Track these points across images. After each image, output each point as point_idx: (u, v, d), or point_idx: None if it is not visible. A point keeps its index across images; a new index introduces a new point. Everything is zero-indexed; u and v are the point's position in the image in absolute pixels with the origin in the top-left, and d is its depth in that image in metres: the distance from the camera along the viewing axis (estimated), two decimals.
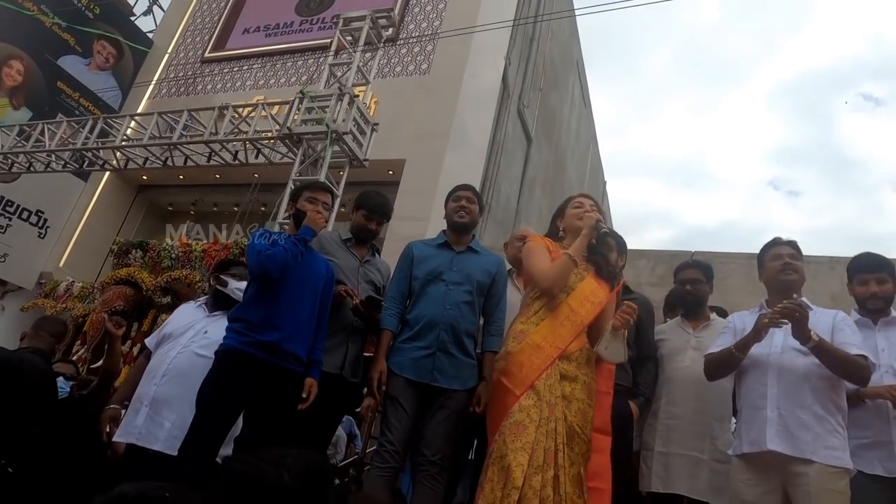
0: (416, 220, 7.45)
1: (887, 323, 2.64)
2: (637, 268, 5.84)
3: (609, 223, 4.53)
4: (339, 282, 2.76)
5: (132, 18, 12.40)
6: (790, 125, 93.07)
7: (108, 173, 10.09)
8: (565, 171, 14.66)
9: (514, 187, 11.12)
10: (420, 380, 2.60)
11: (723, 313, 3.36)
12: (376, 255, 3.14)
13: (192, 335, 2.72)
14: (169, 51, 11.78)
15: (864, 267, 2.73)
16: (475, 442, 2.96)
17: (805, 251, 2.73)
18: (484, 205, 3.84)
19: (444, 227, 3.01)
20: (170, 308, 7.60)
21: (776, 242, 2.75)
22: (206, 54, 11.45)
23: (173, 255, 7.95)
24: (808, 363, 2.40)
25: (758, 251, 2.82)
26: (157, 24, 12.97)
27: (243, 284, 2.78)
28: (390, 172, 8.72)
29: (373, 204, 3.03)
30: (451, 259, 2.82)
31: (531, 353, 2.34)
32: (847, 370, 2.34)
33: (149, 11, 12.97)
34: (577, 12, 12.64)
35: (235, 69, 10.96)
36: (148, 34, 12.31)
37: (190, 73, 11.13)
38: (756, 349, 2.52)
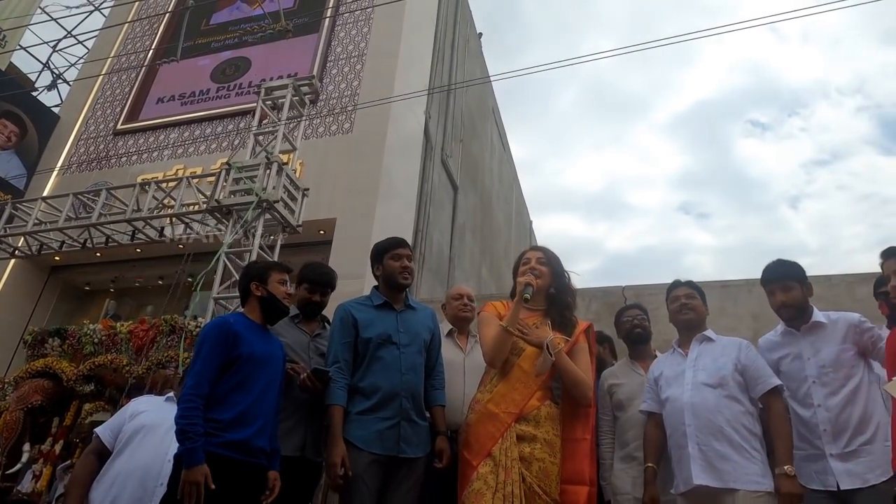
0: (353, 278, 7.41)
1: (810, 329, 2.67)
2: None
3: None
4: (290, 361, 2.70)
5: (34, 94, 11.90)
6: (691, 152, 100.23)
7: None
8: (493, 214, 15.07)
9: (446, 236, 11.30)
10: (387, 453, 2.51)
11: None
12: (327, 326, 3.04)
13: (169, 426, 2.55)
14: (78, 125, 11.34)
15: (768, 278, 2.78)
16: None
17: (719, 269, 2.96)
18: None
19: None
20: (94, 397, 7.11)
21: (674, 286, 2.96)
22: (119, 126, 11.10)
23: (96, 340, 7.46)
24: (717, 395, 2.56)
25: (674, 279, 3.03)
26: (63, 98, 12.49)
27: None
28: (321, 232, 8.68)
29: (315, 276, 2.97)
30: (396, 320, 2.75)
31: (487, 423, 2.40)
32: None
33: (53, 86, 12.52)
34: (490, 70, 13.23)
35: (151, 139, 10.67)
36: (53, 109, 11.82)
37: (102, 146, 10.73)
38: (671, 390, 2.70)
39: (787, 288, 2.71)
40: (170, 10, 12.10)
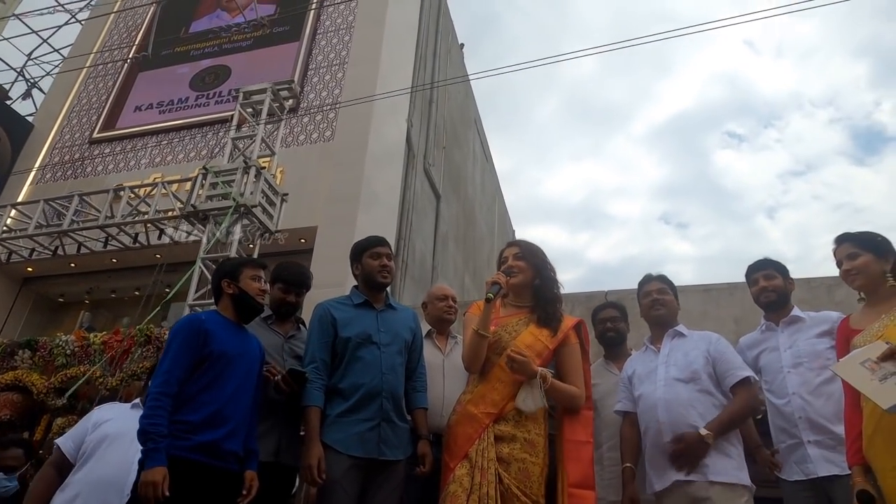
0: (334, 286, 7.28)
1: (788, 322, 2.72)
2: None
3: None
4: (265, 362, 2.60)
5: (8, 103, 11.68)
6: (670, 163, 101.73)
7: None
8: (475, 223, 15.05)
9: (428, 244, 11.25)
10: (367, 455, 2.40)
11: None
12: (301, 328, 2.94)
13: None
14: (52, 133, 11.13)
15: (753, 269, 2.87)
16: None
17: (701, 277, 2.91)
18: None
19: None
20: (66, 411, 6.90)
21: (646, 280, 2.91)
22: (95, 135, 10.92)
23: (68, 351, 7.25)
24: (690, 390, 2.53)
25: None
26: (38, 107, 12.28)
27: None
28: (302, 241, 8.57)
29: (289, 275, 2.86)
30: (377, 319, 2.67)
31: (466, 424, 2.34)
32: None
33: (27, 95, 12.30)
34: (470, 75, 13.28)
35: (128, 148, 10.51)
36: (27, 118, 11.60)
37: (77, 155, 10.54)
38: (644, 387, 2.67)
39: (769, 276, 2.80)
40: (147, 18, 11.99)
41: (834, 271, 2.44)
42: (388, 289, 2.93)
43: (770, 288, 2.76)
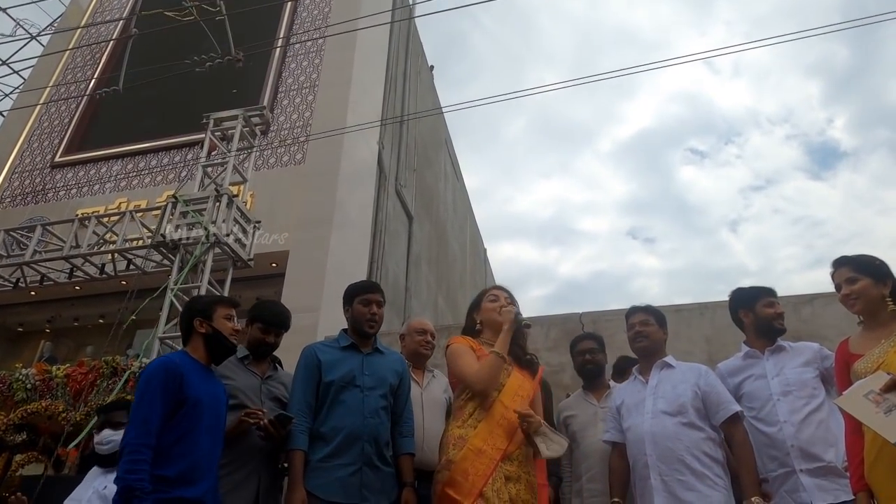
0: (306, 311, 7.22)
1: (774, 351, 2.72)
2: (531, 335, 6.05)
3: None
4: (241, 406, 2.53)
5: None
6: (636, 179, 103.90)
7: None
8: (447, 244, 15.09)
9: (401, 265, 11.21)
10: (349, 502, 2.37)
11: None
12: (279, 368, 2.89)
13: (90, 495, 2.36)
14: (12, 158, 10.81)
15: (766, 291, 2.85)
16: None
17: (669, 291, 2.93)
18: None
19: (334, 310, 2.83)
20: (26, 447, 6.62)
21: (630, 312, 2.93)
22: (58, 158, 10.64)
23: (29, 386, 6.97)
24: (676, 423, 2.54)
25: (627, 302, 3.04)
26: None
27: (118, 435, 2.46)
28: (273, 265, 8.46)
29: (269, 315, 2.80)
30: (362, 362, 2.65)
31: (474, 459, 2.28)
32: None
33: None
34: (441, 101, 13.39)
35: (92, 172, 10.26)
36: None
37: (38, 179, 10.24)
38: (632, 419, 2.68)
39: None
40: (113, 38, 11.79)
41: (794, 285, 2.47)
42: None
43: (783, 315, 2.79)
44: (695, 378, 2.66)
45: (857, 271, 2.27)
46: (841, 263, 2.34)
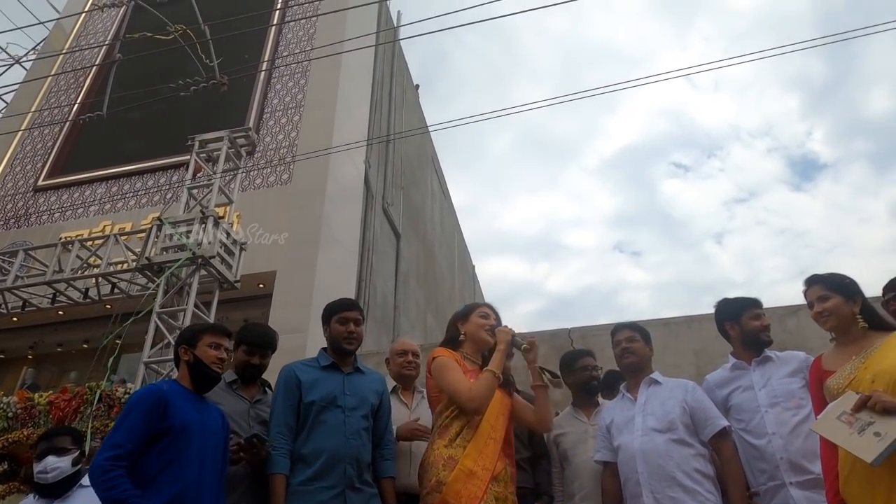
0: (294, 332, 7.16)
1: (761, 362, 2.72)
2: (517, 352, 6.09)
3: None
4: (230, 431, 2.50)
5: None
6: (622, 193, 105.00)
7: None
8: (436, 261, 15.09)
9: (390, 284, 11.19)
10: None
11: None
12: (268, 391, 2.85)
13: None
14: None
15: (752, 303, 2.85)
16: None
17: (656, 304, 2.94)
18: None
19: (322, 331, 2.79)
20: (7, 478, 6.46)
21: (616, 329, 2.95)
22: (41, 182, 10.55)
23: (10, 414, 6.81)
24: (666, 440, 2.55)
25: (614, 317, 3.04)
26: None
27: (64, 462, 2.41)
28: (261, 286, 8.41)
29: (252, 336, 2.78)
30: (343, 382, 2.62)
31: (466, 481, 2.26)
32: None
33: None
34: (427, 119, 13.48)
35: (76, 195, 10.18)
36: None
37: (21, 204, 10.13)
38: (622, 437, 2.69)
39: (762, 316, 2.82)
40: (97, 63, 11.78)
41: (780, 296, 2.51)
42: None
43: (769, 328, 2.79)
44: (682, 394, 2.68)
45: (828, 289, 2.33)
46: (813, 282, 2.41)
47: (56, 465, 2.54)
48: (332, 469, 2.40)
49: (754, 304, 2.86)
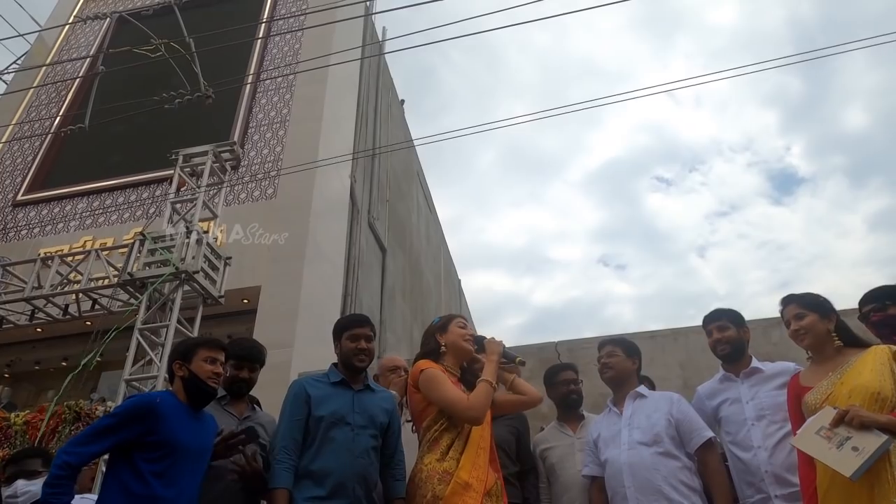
0: (280, 347, 7.07)
1: (748, 374, 2.72)
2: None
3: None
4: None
5: None
6: (606, 207, 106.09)
7: None
8: (422, 275, 15.06)
9: (376, 298, 11.14)
10: None
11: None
12: (257, 408, 2.82)
13: None
14: None
15: (707, 320, 2.88)
16: None
17: (641, 317, 2.95)
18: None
19: (308, 346, 2.77)
20: None
21: (599, 345, 2.97)
22: (20, 197, 10.38)
23: None
24: (653, 453, 2.56)
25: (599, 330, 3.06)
26: None
27: (35, 486, 2.34)
28: (245, 301, 8.32)
29: (239, 350, 2.73)
30: (353, 399, 2.56)
31: (463, 494, 2.23)
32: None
33: None
34: (413, 135, 13.54)
35: (56, 210, 10.03)
36: None
37: None
38: (609, 451, 2.69)
39: (722, 328, 2.81)
40: (80, 75, 11.67)
41: (762, 308, 2.53)
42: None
43: (723, 340, 2.78)
44: (667, 406, 2.69)
45: (804, 308, 2.40)
46: (789, 301, 2.48)
47: (27, 488, 2.46)
48: (340, 487, 2.36)
49: (709, 319, 2.87)
